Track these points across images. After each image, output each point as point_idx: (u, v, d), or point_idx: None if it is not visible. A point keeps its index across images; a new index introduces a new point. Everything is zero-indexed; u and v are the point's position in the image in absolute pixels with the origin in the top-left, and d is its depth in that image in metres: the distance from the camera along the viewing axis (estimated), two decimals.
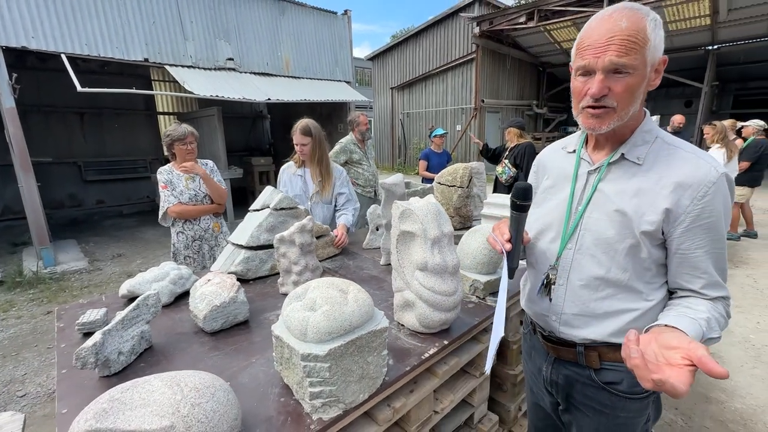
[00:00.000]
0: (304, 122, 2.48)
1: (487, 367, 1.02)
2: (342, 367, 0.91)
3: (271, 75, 6.99)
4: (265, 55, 6.90)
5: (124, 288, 1.51)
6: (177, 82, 5.76)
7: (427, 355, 1.15)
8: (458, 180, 2.53)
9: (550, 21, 10.16)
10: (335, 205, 2.57)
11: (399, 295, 1.31)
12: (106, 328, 1.08)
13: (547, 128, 16.09)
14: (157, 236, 6.69)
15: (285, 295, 1.58)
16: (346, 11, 8.00)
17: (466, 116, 13.56)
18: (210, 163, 2.57)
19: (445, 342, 1.22)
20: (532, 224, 1.14)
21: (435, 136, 4.98)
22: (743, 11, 9.34)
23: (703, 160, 0.87)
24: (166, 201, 2.36)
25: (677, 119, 6.25)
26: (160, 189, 2.37)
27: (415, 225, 1.22)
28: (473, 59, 12.65)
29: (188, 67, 5.96)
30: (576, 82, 0.92)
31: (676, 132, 6.14)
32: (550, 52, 14.38)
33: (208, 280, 1.42)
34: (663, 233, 0.90)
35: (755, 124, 5.41)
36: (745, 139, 5.51)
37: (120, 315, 1.15)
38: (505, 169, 4.03)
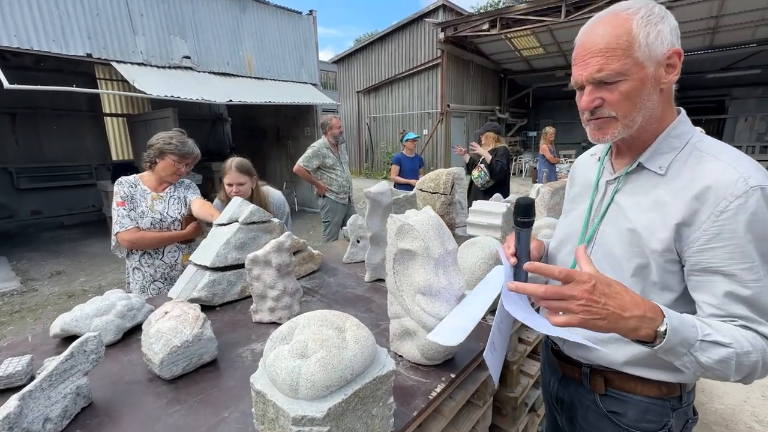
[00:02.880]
0: (237, 159, 2.18)
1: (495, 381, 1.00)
2: (343, 427, 0.73)
3: (233, 75, 6.63)
4: (226, 54, 6.53)
5: (57, 326, 1.23)
6: (126, 80, 5.28)
7: (434, 393, 1.00)
8: (441, 186, 2.42)
9: (511, 29, 10.49)
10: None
11: (396, 322, 1.14)
12: (26, 389, 0.83)
13: (509, 133, 16.64)
14: (104, 249, 6.08)
15: (259, 324, 1.37)
16: (311, 11, 7.78)
17: (432, 120, 13.70)
18: (186, 180, 2.12)
19: (452, 375, 1.07)
20: (556, 233, 1.10)
21: (407, 140, 4.89)
22: (683, 26, 10.13)
23: (732, 168, 0.73)
24: (119, 223, 1.83)
25: None
26: (115, 205, 1.83)
27: (416, 242, 1.06)
28: (438, 64, 12.82)
29: (138, 64, 5.49)
30: (577, 96, 0.86)
31: None
32: (511, 60, 14.90)
33: (165, 313, 1.18)
34: (679, 256, 0.79)
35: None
36: None
37: (47, 367, 0.90)
38: (481, 173, 4.00)
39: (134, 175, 1.98)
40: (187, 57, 6.00)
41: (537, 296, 0.68)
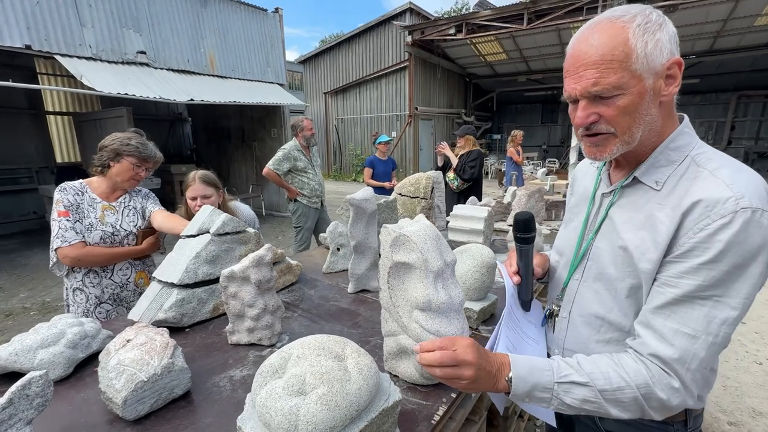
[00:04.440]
0: (201, 171, 2.01)
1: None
2: None
3: (194, 73, 6.27)
4: (186, 51, 6.16)
5: None
6: (73, 76, 4.82)
7: (437, 417, 0.93)
8: (421, 191, 2.37)
9: (476, 34, 10.75)
10: None
11: (392, 340, 1.06)
12: None
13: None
14: (48, 261, 5.53)
15: (236, 346, 1.24)
16: (277, 9, 7.53)
17: (401, 123, 13.76)
18: (144, 190, 1.90)
19: (453, 395, 1.01)
20: (556, 245, 1.06)
21: (380, 142, 4.84)
22: None
23: (726, 186, 0.67)
24: (61, 237, 1.56)
25: None
26: (56, 216, 1.58)
27: (413, 255, 0.99)
28: (406, 67, 12.90)
29: (87, 58, 5.04)
30: (570, 110, 0.80)
31: None
32: (476, 64, 15.29)
33: (127, 341, 1.03)
34: None
35: None
36: None
37: None
38: (456, 176, 4.01)
39: (80, 180, 1.72)
40: (143, 52, 5.60)
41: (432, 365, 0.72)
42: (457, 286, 1.04)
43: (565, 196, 3.84)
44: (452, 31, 10.92)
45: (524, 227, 0.91)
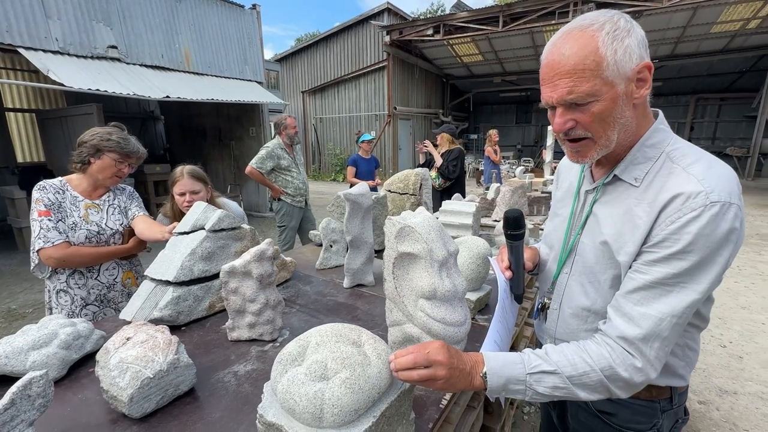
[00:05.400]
0: (188, 166, 1.94)
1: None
2: None
3: (168, 69, 6.07)
4: (160, 46, 5.96)
5: None
6: (36, 71, 4.57)
7: (444, 402, 0.96)
8: (410, 187, 2.41)
9: (453, 36, 10.93)
10: None
11: (397, 329, 1.09)
12: None
13: None
14: (12, 266, 5.23)
15: (237, 342, 1.23)
16: (254, 5, 7.39)
17: (379, 122, 13.79)
18: (128, 188, 1.85)
19: None
20: (545, 238, 1.10)
21: (363, 141, 4.84)
22: None
23: (698, 181, 0.71)
24: (43, 237, 1.50)
25: None
26: (36, 216, 1.52)
27: (418, 245, 1.01)
28: (384, 67, 12.94)
29: (54, 52, 4.79)
30: (549, 115, 0.84)
31: None
32: (453, 65, 15.53)
33: (127, 339, 1.01)
34: None
35: None
36: None
37: None
38: (439, 174, 4.07)
39: (60, 178, 1.65)
40: (114, 47, 5.37)
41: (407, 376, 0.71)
42: (460, 275, 1.07)
43: (543, 193, 3.98)
44: (430, 31, 11.05)
45: (514, 224, 0.96)
